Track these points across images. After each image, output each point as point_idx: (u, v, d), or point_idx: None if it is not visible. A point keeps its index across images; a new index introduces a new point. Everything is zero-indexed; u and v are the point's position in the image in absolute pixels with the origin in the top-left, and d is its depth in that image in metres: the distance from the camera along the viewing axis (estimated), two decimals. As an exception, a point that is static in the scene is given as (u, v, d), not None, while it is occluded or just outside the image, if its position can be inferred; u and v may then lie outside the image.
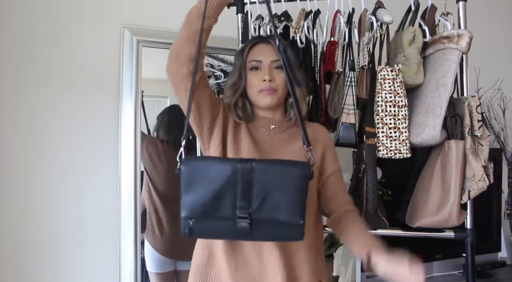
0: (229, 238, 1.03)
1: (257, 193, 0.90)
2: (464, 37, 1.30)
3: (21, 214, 1.57)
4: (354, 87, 1.38)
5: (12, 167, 1.56)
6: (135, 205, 1.69)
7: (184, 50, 1.02)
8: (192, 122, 1.11)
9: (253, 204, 0.90)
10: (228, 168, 0.91)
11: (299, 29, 1.43)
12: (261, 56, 1.16)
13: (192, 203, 0.92)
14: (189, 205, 0.92)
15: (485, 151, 1.33)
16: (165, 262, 1.87)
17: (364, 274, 1.74)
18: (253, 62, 1.15)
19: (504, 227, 2.20)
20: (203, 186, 0.91)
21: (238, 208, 0.91)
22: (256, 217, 0.91)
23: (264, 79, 1.13)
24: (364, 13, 1.43)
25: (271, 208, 0.91)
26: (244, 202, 0.91)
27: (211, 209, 0.91)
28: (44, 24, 1.62)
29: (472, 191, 1.31)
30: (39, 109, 1.60)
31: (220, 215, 0.92)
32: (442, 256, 1.93)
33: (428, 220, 1.35)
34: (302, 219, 0.91)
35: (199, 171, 0.92)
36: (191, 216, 0.93)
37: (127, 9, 1.74)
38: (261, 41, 1.19)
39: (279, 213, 0.90)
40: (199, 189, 0.91)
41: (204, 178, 0.91)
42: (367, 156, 1.33)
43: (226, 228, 0.93)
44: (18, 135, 1.57)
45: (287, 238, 0.97)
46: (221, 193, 0.91)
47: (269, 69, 1.14)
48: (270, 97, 1.14)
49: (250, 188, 0.90)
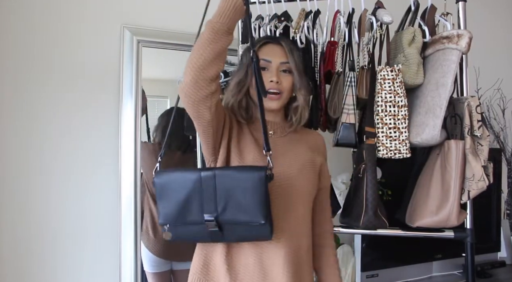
0: (203, 240, 1.08)
1: (220, 198, 0.98)
2: (464, 37, 1.30)
3: (21, 214, 1.57)
4: (354, 87, 1.38)
5: (12, 167, 1.56)
6: (135, 205, 1.69)
7: (210, 71, 0.96)
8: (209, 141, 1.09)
9: (218, 208, 0.98)
10: (193, 176, 0.99)
11: (299, 29, 1.43)
12: (271, 56, 1.15)
13: (165, 211, 1.01)
14: (162, 212, 1.02)
15: (484, 151, 1.34)
16: (160, 262, 1.87)
17: (364, 274, 1.74)
18: (262, 62, 1.13)
19: (504, 227, 2.21)
20: (173, 194, 1.00)
21: (205, 212, 0.99)
22: (222, 220, 0.98)
23: (271, 80, 1.13)
24: (364, 13, 1.43)
25: (234, 210, 0.98)
26: (210, 206, 0.98)
27: (181, 215, 1.00)
28: (44, 24, 1.62)
29: (472, 191, 1.31)
30: (39, 109, 1.60)
31: (190, 220, 1.00)
32: (441, 256, 1.93)
33: (428, 220, 1.35)
34: (264, 219, 0.97)
35: (169, 181, 1.01)
36: (165, 222, 1.02)
37: (127, 9, 1.74)
38: (271, 41, 1.19)
39: (242, 214, 0.97)
40: (170, 197, 1.01)
41: (173, 188, 1.00)
42: (367, 156, 1.33)
43: (198, 231, 1.02)
44: (18, 135, 1.57)
45: (255, 237, 1.03)
46: (189, 199, 0.99)
47: (277, 70, 1.14)
48: (275, 102, 1.15)
49: (214, 193, 0.98)
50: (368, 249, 1.75)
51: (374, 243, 1.76)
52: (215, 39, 0.96)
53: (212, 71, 0.97)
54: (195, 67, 0.96)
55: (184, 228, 1.03)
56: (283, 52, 1.16)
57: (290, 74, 1.17)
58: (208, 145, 1.10)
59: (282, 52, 1.16)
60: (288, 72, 1.16)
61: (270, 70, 1.15)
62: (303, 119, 1.21)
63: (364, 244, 1.73)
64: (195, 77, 0.96)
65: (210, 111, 1.01)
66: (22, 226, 1.57)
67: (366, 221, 1.31)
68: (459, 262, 1.93)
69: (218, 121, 1.07)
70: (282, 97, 1.16)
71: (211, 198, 0.98)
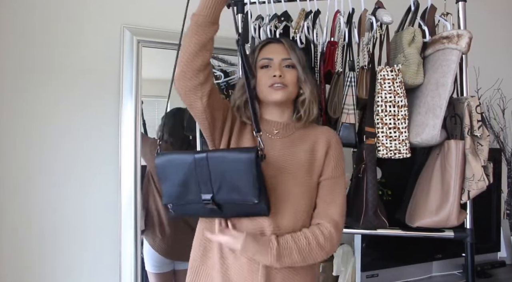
0: (206, 215, 1.14)
1: (215, 179, 1.02)
2: (464, 37, 1.30)
3: (21, 214, 1.57)
4: (354, 87, 1.38)
5: (12, 167, 1.56)
6: (135, 205, 1.69)
7: (196, 62, 1.01)
8: (206, 134, 1.14)
9: (213, 189, 1.03)
10: (188, 159, 1.03)
11: (299, 29, 1.43)
12: (272, 54, 1.18)
13: (167, 191, 1.08)
14: (165, 192, 1.08)
15: (484, 151, 1.34)
16: (164, 262, 1.87)
17: (364, 274, 1.74)
18: (263, 60, 1.17)
19: (504, 227, 2.21)
20: (172, 176, 1.06)
21: (202, 192, 1.04)
22: (218, 200, 1.03)
23: (274, 74, 1.15)
24: (364, 13, 1.43)
25: (228, 190, 1.02)
26: (206, 187, 1.03)
27: (182, 194, 1.06)
28: (44, 24, 1.62)
29: (472, 191, 1.31)
30: (39, 109, 1.60)
31: (190, 199, 1.06)
32: (441, 256, 1.93)
33: (428, 220, 1.36)
34: (257, 199, 1.01)
35: (168, 163, 1.06)
36: (168, 201, 1.09)
37: (127, 9, 1.75)
38: (272, 41, 1.22)
39: (236, 194, 1.02)
40: (170, 179, 1.06)
41: (172, 169, 1.06)
42: (367, 156, 1.33)
43: (199, 208, 1.07)
44: (18, 135, 1.57)
45: (253, 214, 1.07)
46: (187, 180, 1.04)
47: (279, 66, 1.16)
48: (280, 92, 1.15)
49: (208, 175, 1.02)
50: (368, 249, 1.75)
51: (374, 243, 1.76)
52: (198, 31, 1.01)
53: (198, 62, 1.01)
54: (183, 59, 1.02)
55: (186, 206, 1.09)
56: (284, 49, 1.18)
57: (294, 68, 1.18)
58: (208, 138, 1.15)
59: (283, 49, 1.18)
60: (291, 67, 1.18)
61: (273, 67, 1.17)
62: (311, 113, 1.20)
63: (364, 244, 1.73)
64: (184, 69, 1.02)
65: (202, 101, 1.05)
66: (23, 226, 1.57)
67: (366, 221, 1.32)
68: (459, 262, 1.93)
69: (213, 114, 1.10)
70: (287, 90, 1.16)
71: (206, 179, 1.03)
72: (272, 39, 1.24)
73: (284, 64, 1.17)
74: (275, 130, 1.19)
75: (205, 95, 1.05)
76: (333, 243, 1.12)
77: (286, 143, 1.18)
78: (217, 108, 1.11)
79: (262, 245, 1.04)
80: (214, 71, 1.90)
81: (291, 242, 1.07)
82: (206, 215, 1.12)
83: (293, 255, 1.06)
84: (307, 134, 1.21)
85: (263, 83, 1.17)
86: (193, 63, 1.01)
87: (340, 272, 1.77)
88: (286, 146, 1.18)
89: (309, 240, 1.08)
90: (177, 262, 1.90)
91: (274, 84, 1.15)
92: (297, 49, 1.21)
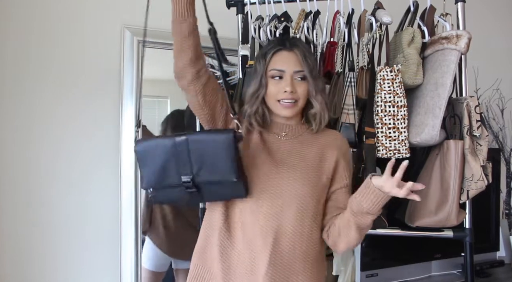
0: (185, 202, 1.17)
1: (195, 160, 1.04)
2: (463, 37, 1.30)
3: (21, 215, 1.57)
4: (353, 87, 1.39)
5: (13, 167, 1.56)
6: (135, 205, 1.69)
7: (181, 60, 1.06)
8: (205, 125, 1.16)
9: (193, 170, 1.05)
10: (168, 142, 1.05)
11: (299, 30, 1.44)
12: (284, 66, 1.14)
13: (147, 176, 1.08)
14: (144, 178, 1.09)
15: (483, 151, 1.34)
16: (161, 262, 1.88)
17: (364, 274, 1.75)
18: (274, 71, 1.14)
19: (503, 226, 2.22)
20: (152, 160, 1.07)
21: (181, 174, 1.05)
22: (198, 181, 1.05)
23: (285, 90, 1.12)
24: (363, 14, 1.44)
25: (208, 171, 1.05)
26: (186, 169, 1.05)
27: (161, 178, 1.07)
28: (45, 25, 1.62)
29: (471, 191, 1.32)
30: (39, 109, 1.61)
31: (170, 183, 1.07)
32: (441, 255, 1.94)
33: (427, 219, 1.36)
34: (236, 177, 1.04)
35: (148, 148, 1.08)
36: (148, 186, 1.10)
37: (128, 9, 1.75)
38: (284, 48, 1.16)
39: (215, 174, 1.05)
40: (150, 163, 1.07)
41: (152, 154, 1.07)
42: (367, 155, 1.34)
43: (178, 194, 1.09)
44: (19, 135, 1.58)
45: (231, 195, 1.10)
46: (167, 164, 1.06)
47: (291, 80, 1.13)
48: (290, 110, 1.15)
49: (188, 157, 1.04)
50: (368, 248, 1.75)
51: (374, 243, 1.76)
52: (175, 29, 1.06)
53: (183, 60, 1.05)
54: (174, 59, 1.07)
55: (165, 191, 1.10)
56: (297, 60, 1.14)
57: (305, 81, 1.15)
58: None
59: (296, 60, 1.14)
60: (303, 80, 1.15)
61: (284, 80, 1.13)
62: (323, 122, 1.19)
63: (363, 243, 1.74)
64: (175, 69, 1.08)
65: (197, 98, 1.08)
66: (23, 226, 1.57)
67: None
68: (458, 262, 1.93)
69: (214, 108, 1.12)
70: (297, 105, 1.15)
71: (186, 161, 1.05)
72: (283, 46, 1.17)
73: (296, 77, 1.14)
74: (284, 133, 1.19)
75: (200, 93, 1.08)
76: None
77: (295, 144, 1.18)
78: (217, 104, 1.13)
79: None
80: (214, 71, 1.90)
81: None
82: (186, 201, 1.15)
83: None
84: (317, 137, 1.20)
85: (273, 95, 1.14)
86: (179, 61, 1.06)
87: (340, 271, 1.77)
88: (295, 147, 1.17)
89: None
90: (178, 261, 1.90)
91: (284, 99, 1.13)
92: (308, 56, 1.17)
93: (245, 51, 1.50)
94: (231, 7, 1.59)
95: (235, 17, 1.58)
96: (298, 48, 1.16)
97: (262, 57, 1.17)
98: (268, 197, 1.10)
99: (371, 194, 1.06)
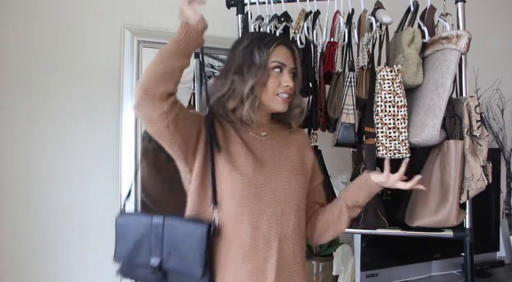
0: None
1: (166, 245, 1.05)
2: (463, 37, 1.30)
3: (21, 215, 1.57)
4: (353, 87, 1.39)
5: (13, 167, 1.56)
6: (135, 205, 1.69)
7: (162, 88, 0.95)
8: (177, 156, 1.07)
9: (163, 254, 1.05)
10: (146, 221, 1.08)
11: (299, 30, 1.44)
12: (286, 60, 1.13)
13: (119, 249, 1.12)
14: (117, 250, 1.13)
15: (483, 151, 1.34)
16: None
17: (364, 274, 1.75)
18: (277, 63, 1.11)
19: (503, 226, 2.21)
20: (127, 235, 1.10)
21: (152, 256, 1.06)
22: (165, 267, 1.05)
23: (287, 85, 1.11)
24: (363, 14, 1.44)
25: (177, 259, 1.04)
26: (156, 250, 1.05)
27: (132, 255, 1.09)
28: (44, 25, 1.62)
29: (471, 191, 1.32)
30: (39, 109, 1.61)
31: (139, 262, 1.08)
32: (441, 255, 1.94)
33: (427, 219, 1.36)
34: (201, 273, 1.01)
35: (126, 223, 1.12)
36: (118, 260, 1.13)
37: (128, 9, 1.75)
38: (284, 44, 1.15)
39: (183, 263, 1.03)
40: (125, 237, 1.11)
41: (128, 229, 1.11)
42: (367, 155, 1.34)
43: (145, 274, 1.08)
44: (19, 136, 1.58)
45: None
46: (140, 242, 1.08)
47: (289, 75, 1.13)
48: (286, 105, 1.14)
49: (162, 240, 1.05)
50: (368, 248, 1.75)
51: (374, 243, 1.77)
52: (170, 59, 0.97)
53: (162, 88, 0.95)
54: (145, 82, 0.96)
55: (133, 269, 1.11)
56: (293, 57, 1.15)
57: (295, 78, 1.16)
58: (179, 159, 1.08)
59: (292, 57, 1.15)
60: (294, 77, 1.15)
61: (284, 74, 1.12)
62: (300, 122, 1.22)
63: (363, 243, 1.74)
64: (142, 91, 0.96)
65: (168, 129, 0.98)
66: (23, 226, 1.57)
67: (366, 221, 1.32)
68: (458, 262, 1.93)
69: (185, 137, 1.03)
70: (289, 100, 1.15)
71: (158, 243, 1.05)
72: (282, 41, 1.15)
73: (292, 73, 1.14)
74: (263, 133, 1.16)
75: (172, 123, 0.98)
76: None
77: (275, 145, 1.16)
78: (189, 132, 1.04)
79: None
80: (214, 72, 1.90)
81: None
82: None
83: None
84: (291, 137, 1.21)
85: (272, 88, 1.11)
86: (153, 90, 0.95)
87: (340, 271, 1.77)
88: (276, 148, 1.16)
89: None
90: None
91: (284, 93, 1.12)
92: (298, 57, 1.18)
93: (245, 51, 1.49)
94: (231, 7, 1.59)
95: (235, 17, 1.59)
96: (295, 46, 1.18)
97: (266, 47, 1.10)
98: (265, 204, 1.07)
99: (369, 189, 1.14)
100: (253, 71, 1.09)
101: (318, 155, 1.49)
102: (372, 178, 1.13)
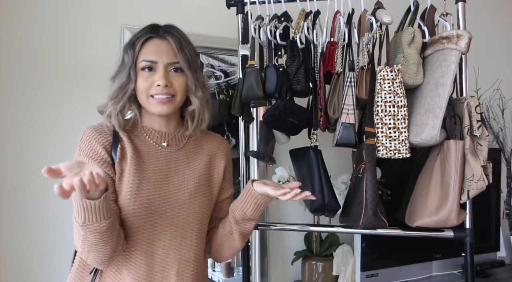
0: None
1: None
2: (463, 37, 1.30)
3: (21, 215, 1.57)
4: (353, 87, 1.39)
5: (13, 167, 1.56)
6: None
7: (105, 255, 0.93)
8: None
9: None
10: None
11: (299, 30, 1.44)
12: (156, 56, 0.99)
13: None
14: None
15: (484, 151, 1.34)
16: None
17: (364, 274, 1.75)
18: (145, 63, 0.99)
19: (503, 226, 2.21)
20: None
21: None
22: None
23: (158, 84, 0.97)
24: (363, 14, 1.43)
25: None
26: None
27: None
28: (44, 25, 1.62)
29: (471, 191, 1.32)
30: (39, 110, 1.61)
31: None
32: (441, 255, 1.94)
33: (428, 219, 1.36)
34: None
35: None
36: None
37: (127, 9, 1.75)
38: (155, 35, 1.01)
39: None
40: None
41: None
42: (367, 155, 1.34)
43: None
44: (19, 135, 1.58)
45: None
46: None
47: (165, 71, 0.98)
48: (166, 106, 0.99)
49: None
50: (368, 248, 1.75)
51: (374, 243, 1.77)
52: (88, 232, 0.95)
53: (109, 252, 0.93)
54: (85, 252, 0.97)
55: None
56: (171, 49, 0.99)
57: (183, 73, 1.01)
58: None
59: (169, 48, 0.99)
60: (180, 71, 1.00)
61: (157, 72, 0.98)
62: (203, 122, 1.07)
63: (363, 243, 1.74)
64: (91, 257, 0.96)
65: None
66: (23, 226, 1.57)
67: (366, 221, 1.32)
68: (459, 262, 1.93)
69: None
70: (175, 101, 1.00)
71: None
72: (154, 33, 1.01)
73: (171, 68, 0.99)
74: (164, 143, 1.05)
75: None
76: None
77: (180, 157, 1.05)
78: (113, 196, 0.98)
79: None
80: (214, 72, 1.90)
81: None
82: None
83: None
84: (201, 144, 1.11)
85: (144, 90, 0.99)
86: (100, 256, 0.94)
87: (340, 271, 1.77)
88: (181, 161, 1.05)
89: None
90: None
91: (158, 95, 0.98)
92: (186, 45, 1.01)
93: (245, 51, 1.50)
94: (231, 7, 1.59)
95: (235, 17, 1.58)
96: (172, 36, 1.01)
97: (130, 47, 1.00)
98: (161, 230, 0.98)
99: (255, 201, 1.01)
100: (119, 75, 1.02)
101: (318, 155, 1.49)
102: (255, 189, 1.00)
